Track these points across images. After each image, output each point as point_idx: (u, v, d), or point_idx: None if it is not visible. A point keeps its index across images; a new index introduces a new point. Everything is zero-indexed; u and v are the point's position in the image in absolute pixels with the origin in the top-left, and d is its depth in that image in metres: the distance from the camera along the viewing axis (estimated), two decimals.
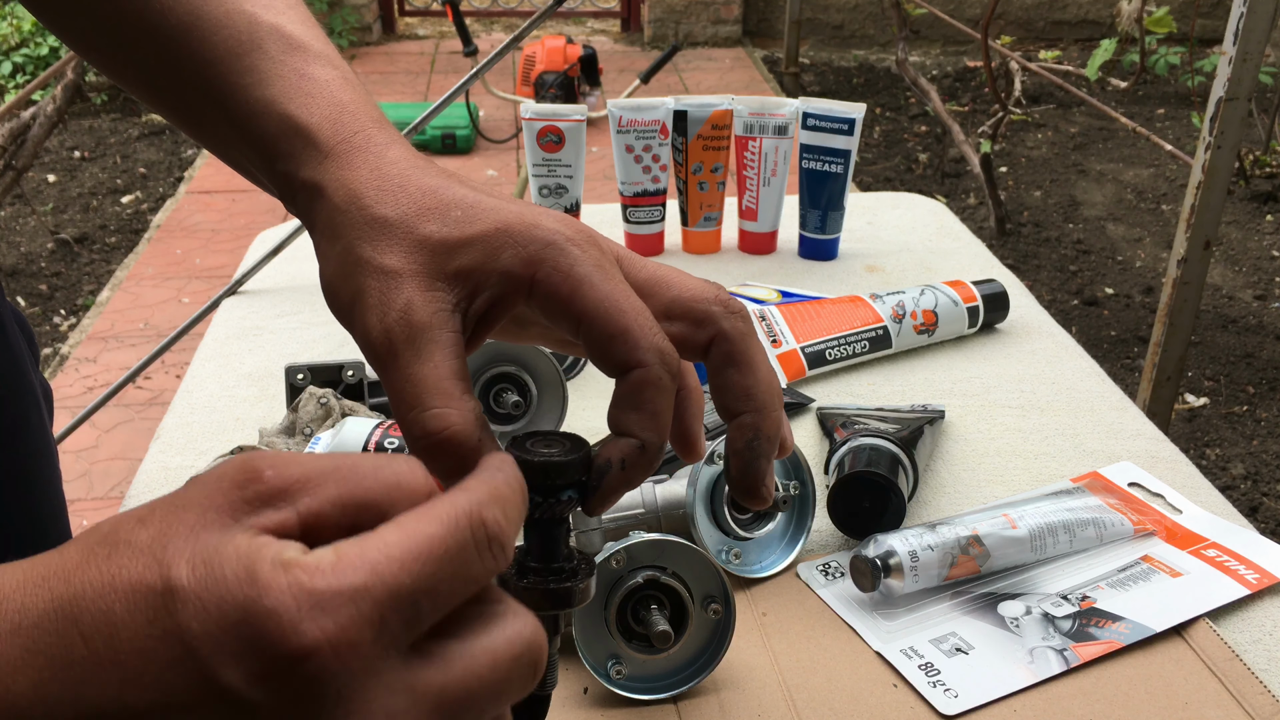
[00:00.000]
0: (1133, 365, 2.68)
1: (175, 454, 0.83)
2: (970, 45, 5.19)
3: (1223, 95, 1.65)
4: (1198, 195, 1.74)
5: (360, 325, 0.40)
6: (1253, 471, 2.31)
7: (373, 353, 0.40)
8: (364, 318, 0.40)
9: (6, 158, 2.73)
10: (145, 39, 0.48)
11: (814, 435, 0.85)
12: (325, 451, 0.71)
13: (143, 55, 0.48)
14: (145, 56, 0.48)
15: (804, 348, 0.92)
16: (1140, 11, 2.42)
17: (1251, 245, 3.30)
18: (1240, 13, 1.59)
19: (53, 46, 4.60)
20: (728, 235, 1.20)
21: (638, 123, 1.11)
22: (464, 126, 3.83)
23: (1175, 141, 3.95)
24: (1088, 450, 0.83)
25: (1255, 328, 2.85)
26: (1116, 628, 0.64)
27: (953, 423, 0.87)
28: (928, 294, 0.98)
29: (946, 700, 0.60)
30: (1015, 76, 3.20)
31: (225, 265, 3.16)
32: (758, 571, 0.70)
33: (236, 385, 0.93)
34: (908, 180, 3.78)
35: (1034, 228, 3.43)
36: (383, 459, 0.33)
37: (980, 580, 0.68)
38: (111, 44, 0.50)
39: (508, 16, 5.80)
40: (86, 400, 2.48)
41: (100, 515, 2.18)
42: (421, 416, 0.38)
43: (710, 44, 5.39)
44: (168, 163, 3.96)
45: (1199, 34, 4.80)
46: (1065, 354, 0.98)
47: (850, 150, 1.12)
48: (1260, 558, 0.70)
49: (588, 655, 0.60)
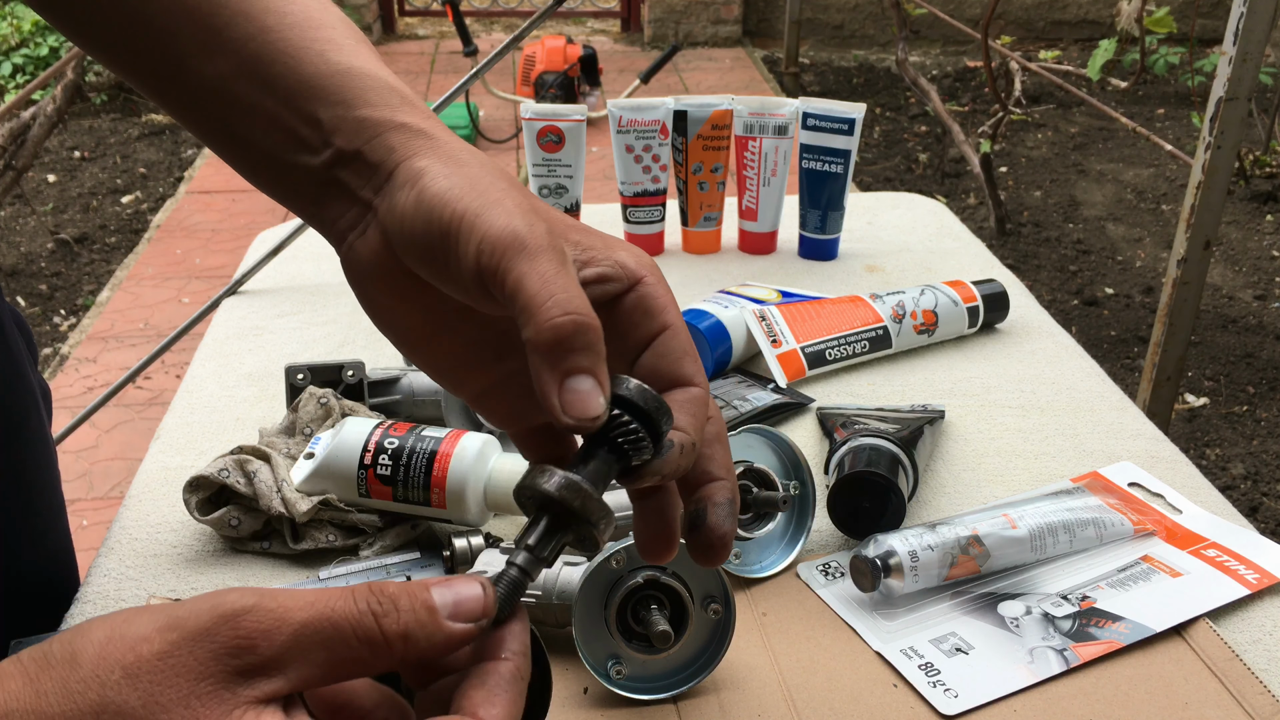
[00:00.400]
0: (1133, 365, 2.68)
1: (175, 454, 0.83)
2: (970, 45, 5.19)
3: (1223, 95, 1.65)
4: (1198, 195, 1.74)
5: (502, 218, 0.38)
6: (1253, 471, 2.31)
7: (516, 241, 0.37)
8: (508, 215, 0.38)
9: (6, 158, 2.73)
10: (171, 11, 0.44)
11: (814, 435, 0.85)
12: (326, 453, 0.71)
13: (164, 26, 0.45)
14: (166, 27, 0.44)
15: (804, 348, 0.92)
16: (1140, 11, 2.42)
17: (1251, 245, 3.30)
18: (1240, 13, 1.59)
19: (53, 46, 4.60)
20: (728, 235, 1.20)
21: (638, 123, 1.11)
22: (464, 126, 3.83)
23: (1175, 141, 3.96)
24: (1088, 450, 0.83)
25: (1255, 328, 2.85)
26: (1116, 628, 0.64)
27: (953, 423, 0.87)
28: (928, 294, 0.98)
29: (946, 700, 0.60)
30: (1015, 76, 3.20)
31: (225, 265, 3.16)
32: (758, 571, 0.70)
33: (236, 385, 0.93)
34: (908, 180, 3.78)
35: (1034, 228, 3.43)
36: (359, 610, 0.33)
37: (980, 580, 0.68)
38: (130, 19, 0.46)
39: (508, 16, 5.80)
40: (86, 400, 2.48)
41: (100, 515, 2.18)
42: (575, 299, 0.37)
43: (710, 44, 5.39)
44: (168, 163, 3.96)
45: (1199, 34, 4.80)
46: (1065, 354, 0.98)
47: (850, 150, 1.12)
48: (1260, 558, 0.70)
49: (588, 655, 0.60)
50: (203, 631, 0.31)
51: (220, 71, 0.44)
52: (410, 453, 0.70)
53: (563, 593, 0.62)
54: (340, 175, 0.43)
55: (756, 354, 0.94)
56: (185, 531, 0.74)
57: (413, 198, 0.40)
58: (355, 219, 0.43)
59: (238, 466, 0.72)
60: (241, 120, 0.44)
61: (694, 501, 0.41)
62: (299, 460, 0.74)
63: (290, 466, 0.74)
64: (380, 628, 0.33)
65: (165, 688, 0.30)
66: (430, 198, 0.39)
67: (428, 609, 0.34)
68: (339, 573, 0.68)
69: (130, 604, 0.68)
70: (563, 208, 1.13)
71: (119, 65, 0.47)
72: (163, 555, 0.72)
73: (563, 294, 0.36)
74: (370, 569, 0.69)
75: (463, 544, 0.68)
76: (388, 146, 0.42)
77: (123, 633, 0.31)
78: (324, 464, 0.71)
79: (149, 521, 0.75)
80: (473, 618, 0.34)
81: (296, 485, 0.72)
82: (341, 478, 0.71)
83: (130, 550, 0.72)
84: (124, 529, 0.75)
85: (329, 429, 0.77)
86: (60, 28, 0.48)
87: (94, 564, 0.72)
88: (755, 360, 0.95)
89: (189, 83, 0.45)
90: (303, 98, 0.43)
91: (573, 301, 0.36)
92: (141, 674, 0.30)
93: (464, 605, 0.34)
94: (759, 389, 0.87)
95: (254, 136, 0.44)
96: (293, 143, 0.43)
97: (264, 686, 0.31)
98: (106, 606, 0.68)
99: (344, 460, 0.71)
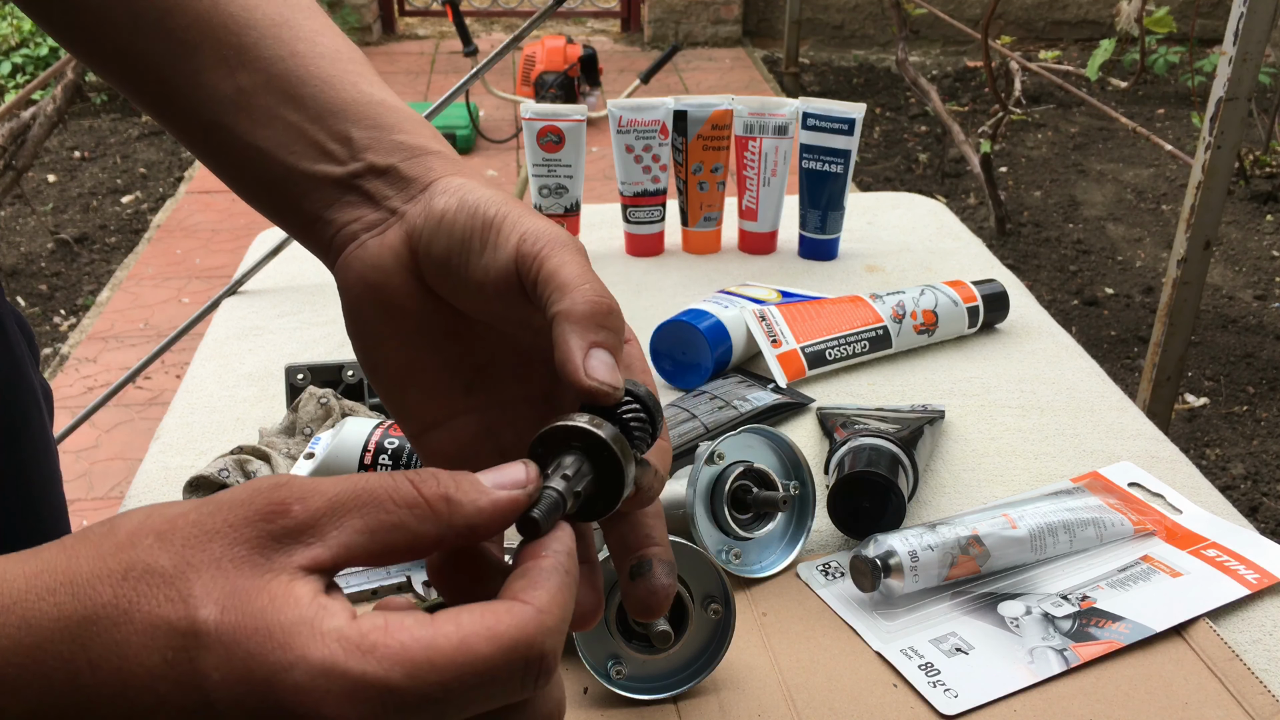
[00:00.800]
0: (1133, 365, 2.68)
1: (175, 454, 0.83)
2: (970, 45, 5.19)
3: (1223, 95, 1.65)
4: (1198, 195, 1.74)
5: (541, 221, 0.41)
6: (1253, 471, 2.31)
7: (556, 235, 0.40)
8: (545, 221, 0.41)
9: (6, 158, 2.73)
10: (193, 28, 0.46)
11: (814, 435, 0.85)
12: (326, 453, 0.72)
13: (186, 40, 0.46)
14: (188, 40, 0.46)
15: (804, 348, 0.92)
16: (1140, 11, 2.42)
17: (1251, 245, 3.30)
18: (1240, 13, 1.59)
19: (52, 47, 4.60)
20: (728, 235, 1.20)
21: (638, 123, 1.11)
22: (464, 126, 3.83)
23: (1175, 141, 3.96)
24: (1088, 450, 0.83)
25: (1255, 328, 2.85)
26: (1116, 628, 0.64)
27: (953, 423, 0.87)
28: (928, 294, 0.98)
29: (946, 700, 0.60)
30: (1015, 76, 3.20)
31: (225, 265, 3.16)
32: (758, 571, 0.70)
33: (236, 385, 0.93)
34: (908, 180, 3.78)
35: (1034, 228, 3.43)
36: (395, 479, 0.32)
37: (980, 580, 0.68)
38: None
39: (508, 16, 5.80)
40: (86, 400, 2.48)
41: (100, 515, 2.18)
42: (608, 292, 0.39)
43: (710, 44, 5.39)
44: (168, 163, 3.96)
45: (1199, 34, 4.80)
46: (1065, 354, 0.98)
47: (850, 150, 1.12)
48: (1260, 558, 0.70)
49: (588, 655, 0.60)
50: (238, 501, 0.31)
51: (242, 85, 0.45)
52: (410, 452, 0.70)
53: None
54: (366, 184, 0.44)
55: (756, 354, 0.95)
56: None
57: (455, 200, 0.42)
58: (375, 221, 0.44)
59: (238, 466, 0.72)
60: (259, 129, 0.45)
61: (636, 556, 0.40)
62: (299, 460, 0.74)
63: (290, 467, 0.74)
64: (419, 490, 0.32)
65: (197, 550, 0.30)
66: (475, 200, 0.42)
67: (468, 476, 0.33)
68: (339, 572, 0.68)
69: None
70: (563, 208, 1.13)
71: (120, 73, 0.48)
72: None
73: (598, 284, 0.39)
74: (370, 569, 0.69)
75: None
76: (426, 166, 0.45)
77: (162, 511, 0.31)
78: (324, 464, 0.71)
79: None
80: (517, 485, 0.34)
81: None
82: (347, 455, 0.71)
83: None
84: None
85: (329, 429, 0.77)
86: (56, 34, 0.49)
87: None
88: (755, 360, 0.95)
89: (202, 94, 0.46)
90: (335, 117, 0.45)
91: (606, 291, 0.39)
92: (175, 537, 0.30)
93: (506, 474, 0.34)
94: (759, 389, 0.87)
95: (269, 145, 0.45)
96: (315, 153, 0.45)
97: (302, 555, 0.30)
98: None
99: (344, 461, 0.71)
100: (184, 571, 0.29)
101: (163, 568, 0.29)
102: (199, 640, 0.28)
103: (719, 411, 0.83)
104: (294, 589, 0.30)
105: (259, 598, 0.29)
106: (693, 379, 0.90)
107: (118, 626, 0.28)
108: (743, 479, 0.69)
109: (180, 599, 0.29)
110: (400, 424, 0.45)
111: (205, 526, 0.30)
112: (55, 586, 0.29)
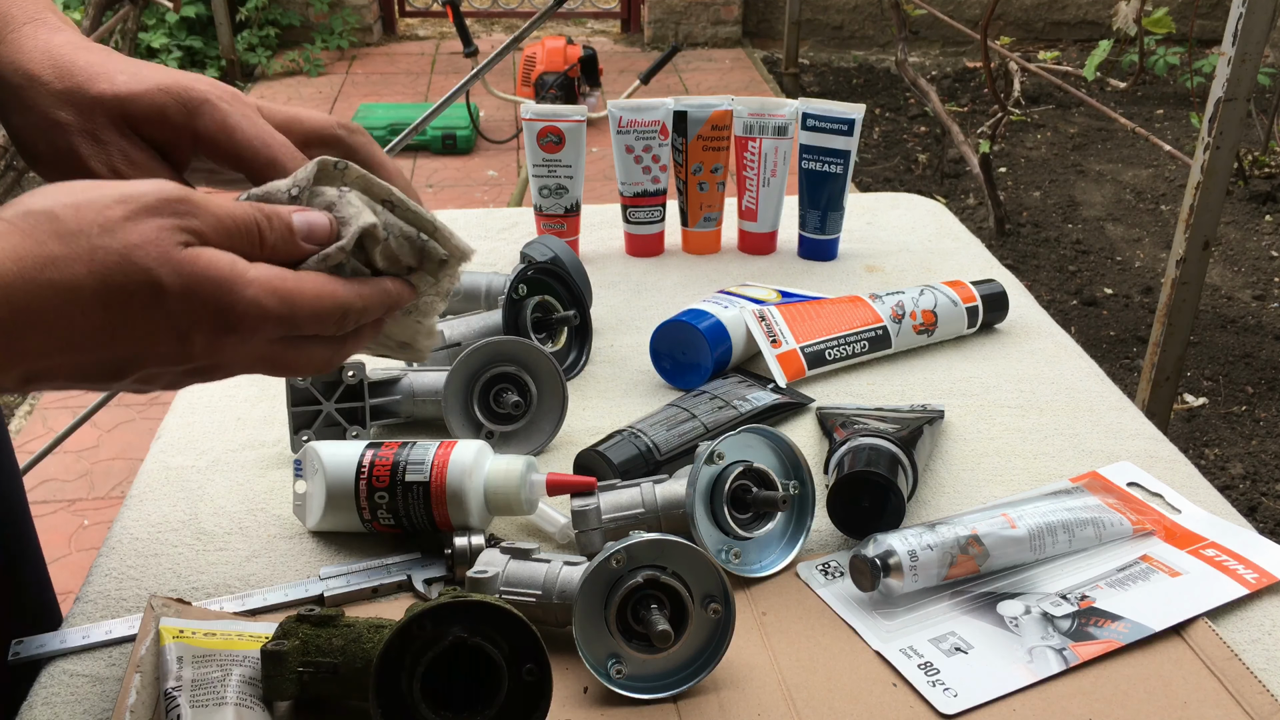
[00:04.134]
0: (1132, 365, 2.68)
1: (176, 454, 0.83)
2: (970, 46, 5.20)
3: (1221, 96, 1.65)
4: (1197, 195, 1.74)
5: (81, 172, 0.51)
6: (1251, 471, 2.32)
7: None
8: (85, 164, 0.51)
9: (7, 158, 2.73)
10: None
11: (814, 435, 0.85)
12: (326, 478, 0.72)
13: None
14: None
15: (804, 348, 0.92)
16: (1139, 12, 2.43)
17: (1250, 245, 3.30)
18: (1239, 13, 1.59)
19: None
20: (728, 235, 1.20)
21: (638, 123, 1.11)
22: (464, 127, 3.83)
23: (1174, 142, 3.96)
24: (1087, 450, 0.83)
25: (1254, 328, 2.85)
26: (1116, 627, 0.64)
27: (952, 423, 0.87)
28: (927, 294, 0.98)
29: (946, 699, 0.60)
30: (1014, 77, 3.20)
31: None
32: (758, 571, 0.70)
33: (237, 385, 0.93)
34: (907, 181, 3.78)
35: (1033, 228, 3.43)
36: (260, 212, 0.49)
37: (980, 580, 0.69)
38: None
39: (508, 17, 5.80)
40: (87, 400, 2.48)
41: (101, 515, 2.18)
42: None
43: (710, 44, 5.39)
44: None
45: (1198, 34, 4.81)
46: (1064, 354, 0.98)
47: (850, 151, 1.12)
48: (1259, 557, 0.70)
49: (588, 655, 0.60)
50: (153, 207, 0.44)
51: None
52: (404, 468, 0.71)
53: (563, 592, 0.62)
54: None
55: (756, 354, 0.95)
56: (186, 531, 0.74)
57: (24, 136, 0.54)
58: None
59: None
60: None
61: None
62: (295, 482, 0.74)
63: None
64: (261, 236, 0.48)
65: (130, 234, 0.43)
66: (22, 146, 0.54)
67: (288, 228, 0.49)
68: (340, 571, 0.69)
69: (131, 605, 0.68)
70: (563, 208, 1.13)
71: None
72: (164, 555, 0.72)
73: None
74: (370, 568, 0.69)
75: (463, 543, 0.68)
76: None
77: (88, 198, 0.44)
78: (327, 487, 0.71)
79: (150, 521, 0.75)
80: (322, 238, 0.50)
81: (308, 527, 0.74)
82: (346, 513, 0.71)
83: (131, 550, 0.73)
84: (125, 529, 0.75)
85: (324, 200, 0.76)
86: None
87: (95, 564, 0.72)
88: (755, 360, 0.95)
89: None
90: None
91: None
92: (78, 202, 0.43)
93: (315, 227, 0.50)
94: (759, 389, 0.87)
95: None
96: None
97: (192, 222, 0.45)
98: (107, 606, 0.68)
99: (343, 503, 0.71)
100: (120, 237, 0.43)
101: (93, 233, 0.43)
102: (164, 295, 0.44)
103: (719, 411, 0.83)
104: (206, 253, 0.45)
105: (199, 262, 0.45)
106: (693, 379, 0.90)
107: (98, 295, 0.43)
108: (742, 479, 0.69)
109: (133, 267, 0.43)
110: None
111: (135, 223, 0.44)
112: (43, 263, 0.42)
